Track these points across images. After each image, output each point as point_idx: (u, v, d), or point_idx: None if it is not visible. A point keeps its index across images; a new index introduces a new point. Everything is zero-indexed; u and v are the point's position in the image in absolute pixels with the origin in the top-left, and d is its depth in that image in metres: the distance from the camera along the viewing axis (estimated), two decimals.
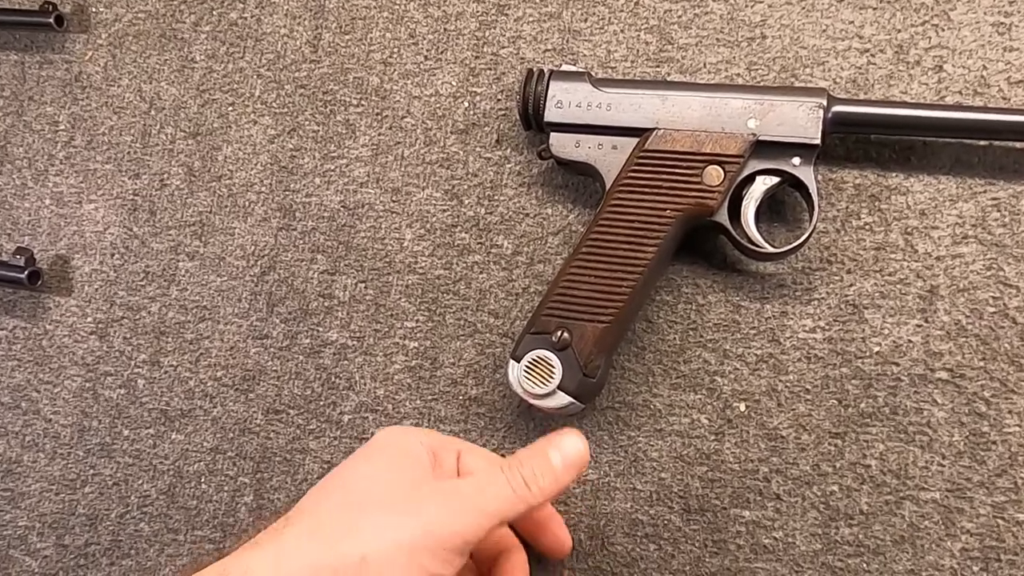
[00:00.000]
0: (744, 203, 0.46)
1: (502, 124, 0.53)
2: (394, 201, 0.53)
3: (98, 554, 0.54)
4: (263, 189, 0.56)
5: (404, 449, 0.40)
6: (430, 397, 0.51)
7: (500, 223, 0.52)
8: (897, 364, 0.45)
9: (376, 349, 0.52)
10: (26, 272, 0.56)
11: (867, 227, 0.47)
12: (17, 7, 0.62)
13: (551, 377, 0.44)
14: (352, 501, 0.38)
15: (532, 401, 0.45)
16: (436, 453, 0.41)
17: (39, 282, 0.57)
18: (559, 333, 0.45)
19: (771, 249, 0.45)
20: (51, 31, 0.59)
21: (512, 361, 0.46)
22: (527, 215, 0.51)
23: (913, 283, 0.46)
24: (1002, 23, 0.47)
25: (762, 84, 0.49)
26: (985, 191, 0.46)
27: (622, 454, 0.48)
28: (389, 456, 0.40)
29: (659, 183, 0.45)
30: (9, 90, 0.61)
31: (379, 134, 0.54)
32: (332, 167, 0.55)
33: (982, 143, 0.46)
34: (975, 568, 0.43)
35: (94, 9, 0.61)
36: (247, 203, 0.56)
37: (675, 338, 0.48)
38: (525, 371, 0.45)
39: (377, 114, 0.55)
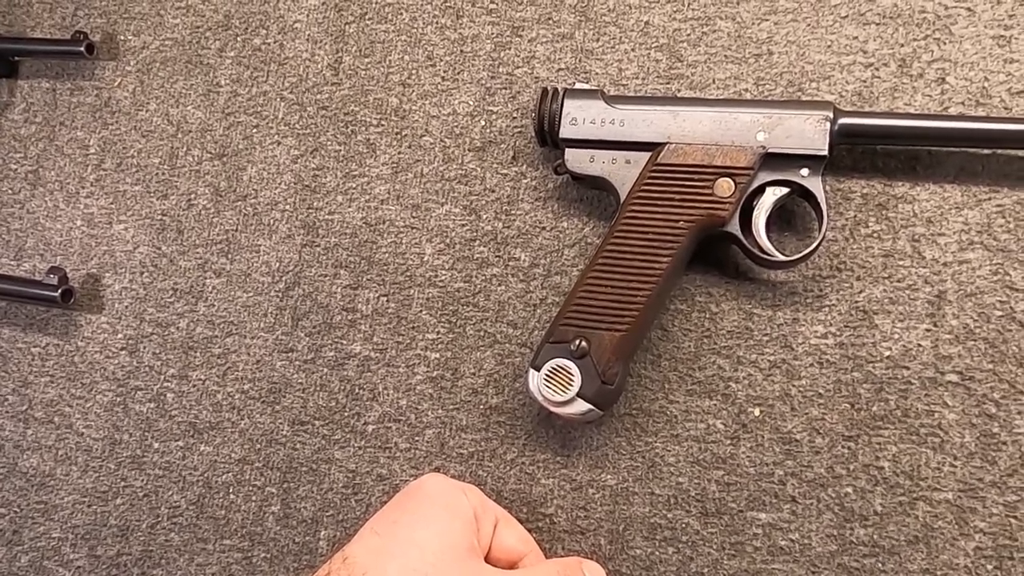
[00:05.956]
0: (755, 213, 0.47)
1: (518, 141, 0.54)
2: (414, 217, 0.55)
3: (129, 564, 0.56)
4: (287, 207, 0.57)
5: (455, 510, 0.43)
6: (451, 407, 0.52)
7: (517, 237, 0.53)
8: (907, 368, 0.47)
9: (398, 361, 0.54)
10: (59, 291, 0.57)
11: (875, 235, 0.48)
12: (49, 37, 0.64)
13: (570, 385, 0.46)
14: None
15: (552, 409, 0.47)
16: (478, 515, 0.44)
17: (71, 300, 0.58)
18: (577, 342, 0.46)
19: (782, 257, 0.47)
20: (82, 59, 0.62)
21: (532, 370, 0.47)
22: (543, 228, 0.53)
23: (921, 289, 0.47)
24: (1002, 36, 0.48)
25: (770, 98, 0.51)
26: (990, 198, 0.47)
27: (640, 459, 0.49)
28: (442, 522, 0.43)
29: (672, 195, 0.47)
30: (41, 116, 0.64)
31: (399, 153, 0.56)
32: (354, 185, 0.56)
33: (986, 152, 0.47)
34: (989, 567, 0.44)
35: (123, 37, 0.63)
36: (272, 221, 0.58)
37: (690, 345, 0.50)
38: (545, 379, 0.46)
39: (397, 133, 0.56)
